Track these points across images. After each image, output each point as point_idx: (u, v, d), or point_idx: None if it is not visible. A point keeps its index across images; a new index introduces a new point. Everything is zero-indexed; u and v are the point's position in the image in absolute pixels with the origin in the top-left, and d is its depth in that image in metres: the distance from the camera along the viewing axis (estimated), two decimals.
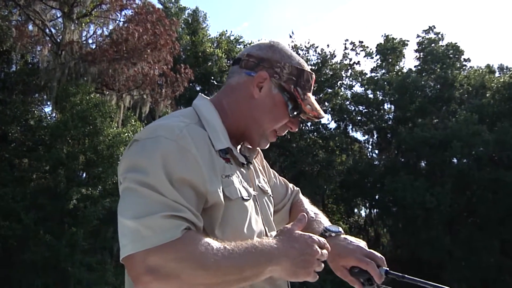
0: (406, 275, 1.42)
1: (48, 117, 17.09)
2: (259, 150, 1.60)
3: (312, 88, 1.49)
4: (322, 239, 1.29)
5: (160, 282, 1.13)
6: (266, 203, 1.50)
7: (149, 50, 16.81)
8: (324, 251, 1.29)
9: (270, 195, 1.56)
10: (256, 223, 1.38)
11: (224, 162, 1.33)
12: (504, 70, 27.20)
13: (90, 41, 18.40)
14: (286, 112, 1.43)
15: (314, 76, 1.50)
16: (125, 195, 1.23)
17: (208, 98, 1.48)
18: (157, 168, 1.20)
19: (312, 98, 1.47)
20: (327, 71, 25.83)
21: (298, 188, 1.87)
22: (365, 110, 26.27)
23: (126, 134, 15.90)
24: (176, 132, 1.25)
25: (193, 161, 1.23)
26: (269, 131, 1.46)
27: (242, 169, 1.42)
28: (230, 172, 1.33)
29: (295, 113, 1.44)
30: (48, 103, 17.96)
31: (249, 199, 1.36)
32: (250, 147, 1.50)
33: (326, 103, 26.35)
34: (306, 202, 1.80)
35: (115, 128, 15.99)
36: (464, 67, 26.17)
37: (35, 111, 17.04)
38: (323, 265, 1.28)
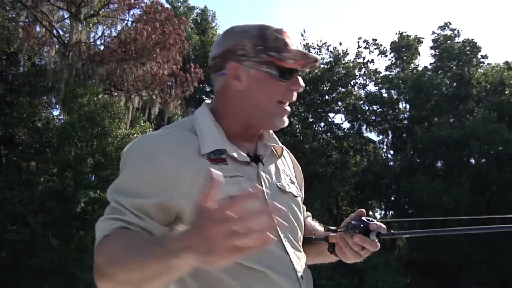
0: (394, 232, 1.55)
1: (56, 119, 16.95)
2: (284, 150, 1.61)
3: (288, 39, 1.42)
4: (222, 204, 0.94)
5: (99, 280, 1.17)
6: (287, 203, 1.45)
7: (158, 50, 16.62)
8: (239, 213, 0.92)
9: (294, 195, 1.52)
10: None
11: (210, 164, 1.32)
12: None
13: (98, 42, 18.25)
14: (275, 81, 1.40)
15: (283, 29, 1.43)
16: None
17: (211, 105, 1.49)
18: (122, 179, 1.31)
19: (292, 49, 1.40)
20: (340, 69, 25.39)
21: (310, 213, 1.81)
22: (380, 109, 25.70)
23: (135, 136, 15.68)
24: (150, 142, 1.34)
25: (158, 169, 1.27)
26: (274, 108, 1.42)
27: (247, 167, 1.40)
28: (227, 173, 1.31)
29: (284, 76, 1.40)
30: (56, 105, 17.85)
31: None
32: (269, 143, 1.50)
33: (339, 103, 25.94)
34: (314, 223, 1.76)
35: (123, 130, 15.82)
36: (481, 64, 25.55)
37: (43, 113, 16.95)
38: (263, 233, 0.93)
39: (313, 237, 1.62)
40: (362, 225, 1.46)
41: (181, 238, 1.01)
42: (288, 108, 1.46)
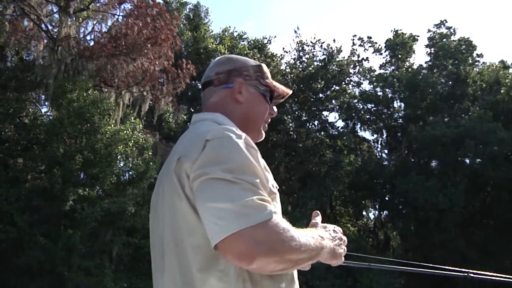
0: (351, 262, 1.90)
1: (44, 115, 16.59)
2: None
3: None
4: (338, 228, 1.59)
5: (266, 256, 1.26)
6: None
7: (149, 45, 16.26)
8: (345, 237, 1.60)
9: None
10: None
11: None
12: None
13: (88, 37, 17.89)
14: (265, 102, 1.69)
15: (263, 65, 1.75)
16: (212, 185, 1.32)
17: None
18: (238, 159, 1.36)
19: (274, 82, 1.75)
20: (334, 67, 25.16)
21: None
22: (374, 108, 25.50)
23: (125, 132, 15.42)
24: (239, 133, 1.44)
25: (258, 156, 1.43)
26: (261, 124, 1.70)
27: None
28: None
29: (272, 100, 1.73)
30: (46, 102, 17.50)
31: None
32: None
33: (333, 101, 25.71)
34: None
35: (113, 126, 15.49)
36: (477, 63, 25.42)
37: (30, 109, 16.58)
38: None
39: None
40: None
41: (326, 234, 1.52)
42: (266, 129, 1.75)
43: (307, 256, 1.35)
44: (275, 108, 1.76)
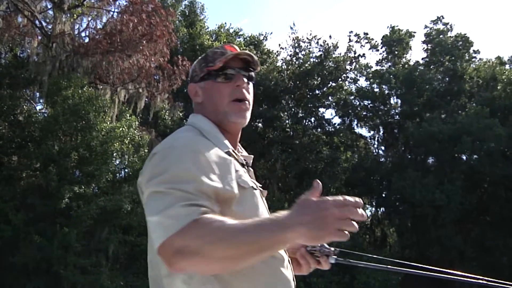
0: (349, 260, 1.69)
1: (38, 113, 16.49)
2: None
3: (229, 50, 1.68)
4: (339, 198, 1.32)
5: (187, 260, 1.29)
6: (265, 201, 1.67)
7: (144, 42, 16.15)
8: (349, 208, 1.30)
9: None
10: (264, 212, 1.59)
11: (232, 159, 1.56)
12: None
13: (83, 34, 17.76)
14: (221, 84, 1.66)
15: (227, 45, 1.73)
16: (150, 199, 1.42)
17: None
18: (174, 169, 1.41)
19: (224, 53, 1.67)
20: (330, 64, 25.06)
21: None
22: (371, 104, 25.36)
23: (121, 129, 15.37)
24: (188, 140, 1.52)
25: (205, 161, 1.44)
26: (226, 107, 1.65)
27: (244, 169, 1.62)
28: (238, 168, 1.57)
29: (228, 78, 1.66)
30: (41, 99, 17.39)
31: (257, 190, 1.60)
32: (246, 154, 1.74)
33: (330, 98, 25.62)
34: None
35: (109, 123, 15.41)
36: (473, 59, 25.38)
37: (24, 106, 16.48)
38: (354, 224, 1.30)
39: None
40: (329, 250, 1.73)
41: (297, 215, 1.29)
42: (244, 105, 1.67)
43: (246, 250, 1.29)
44: (241, 78, 1.67)
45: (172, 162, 1.42)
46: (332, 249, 1.72)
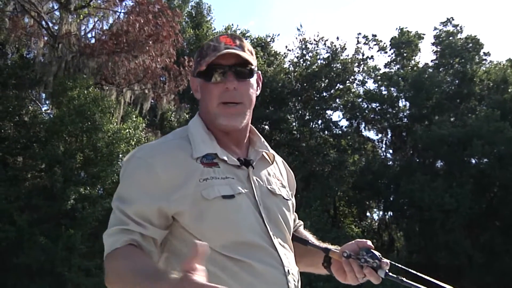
0: (402, 279, 1.55)
1: (44, 113, 16.50)
2: (276, 157, 1.75)
3: (224, 43, 1.55)
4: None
5: (107, 280, 1.38)
6: (277, 205, 1.59)
7: (151, 42, 16.08)
8: None
9: (284, 198, 1.65)
10: (246, 219, 1.49)
11: (203, 167, 1.49)
12: None
13: (89, 35, 17.74)
14: (211, 85, 1.55)
15: (222, 35, 1.60)
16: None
17: None
18: (121, 186, 1.49)
19: (217, 48, 1.54)
20: (338, 66, 24.94)
21: (302, 222, 1.95)
22: (379, 107, 25.25)
23: (127, 131, 15.30)
24: (149, 151, 1.51)
25: (154, 177, 1.44)
26: (215, 109, 1.56)
27: (238, 170, 1.55)
28: (211, 175, 1.48)
29: (217, 78, 1.55)
30: (47, 101, 17.39)
31: (234, 197, 1.48)
32: (260, 150, 1.66)
33: (337, 100, 25.48)
34: (308, 233, 1.87)
35: (115, 124, 15.37)
36: (484, 62, 25.19)
37: (30, 107, 16.49)
38: None
39: (310, 241, 1.74)
40: (376, 261, 1.58)
41: (174, 282, 1.17)
42: (234, 108, 1.55)
43: None
44: (230, 80, 1.54)
45: (124, 177, 1.50)
46: (384, 260, 1.57)
